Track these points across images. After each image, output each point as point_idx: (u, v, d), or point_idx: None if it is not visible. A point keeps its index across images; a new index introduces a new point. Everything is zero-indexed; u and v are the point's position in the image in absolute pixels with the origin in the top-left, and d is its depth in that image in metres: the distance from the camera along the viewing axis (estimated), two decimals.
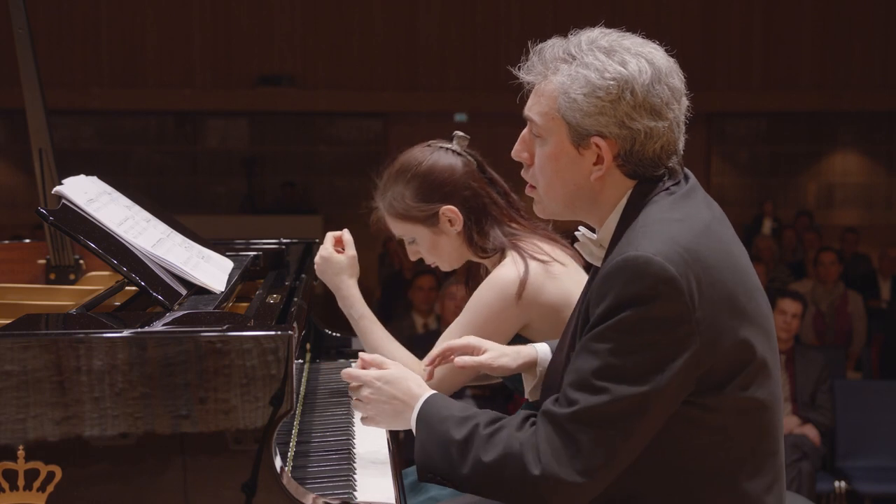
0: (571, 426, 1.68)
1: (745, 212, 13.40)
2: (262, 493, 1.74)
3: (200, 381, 1.73)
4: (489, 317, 2.41)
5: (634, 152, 1.79)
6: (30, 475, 1.72)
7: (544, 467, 1.68)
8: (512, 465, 1.71)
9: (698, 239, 1.73)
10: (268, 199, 13.58)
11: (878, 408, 5.58)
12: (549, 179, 1.85)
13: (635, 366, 1.66)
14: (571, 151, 1.81)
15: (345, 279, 2.60)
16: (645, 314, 1.66)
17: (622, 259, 1.69)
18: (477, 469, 1.75)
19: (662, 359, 1.66)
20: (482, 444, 1.75)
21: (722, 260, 1.75)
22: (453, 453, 1.78)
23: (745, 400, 1.74)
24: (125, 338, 1.75)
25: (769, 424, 1.80)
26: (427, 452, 1.83)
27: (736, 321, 1.72)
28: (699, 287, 1.68)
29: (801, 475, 5.14)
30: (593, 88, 1.76)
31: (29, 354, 1.72)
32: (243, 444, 1.74)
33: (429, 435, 1.83)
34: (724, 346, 1.71)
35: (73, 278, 2.87)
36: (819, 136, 13.89)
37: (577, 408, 1.68)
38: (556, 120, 1.80)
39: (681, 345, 1.67)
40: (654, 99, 1.76)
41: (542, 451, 1.69)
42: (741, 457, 1.77)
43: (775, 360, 1.82)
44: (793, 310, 5.56)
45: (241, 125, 13.82)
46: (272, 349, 1.75)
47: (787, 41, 13.25)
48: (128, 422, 1.73)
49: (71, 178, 2.35)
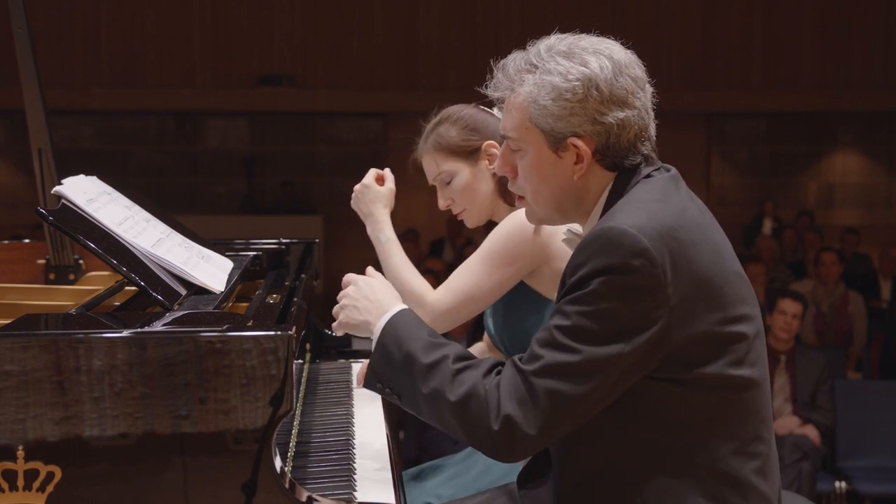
0: (534, 379, 1.74)
1: (746, 212, 13.39)
2: (262, 493, 1.74)
3: (200, 381, 1.73)
4: (504, 251, 2.48)
5: (611, 145, 1.85)
6: (29, 475, 1.72)
7: (502, 412, 1.74)
8: (473, 411, 1.76)
9: (675, 218, 1.78)
10: (268, 199, 13.58)
11: (878, 408, 5.58)
12: (535, 187, 1.91)
13: (602, 330, 1.71)
14: (551, 157, 1.86)
15: (379, 206, 2.70)
16: (617, 283, 1.70)
17: (599, 229, 1.76)
18: (437, 400, 1.80)
19: (629, 327, 1.71)
20: (448, 378, 1.80)
21: (699, 241, 1.78)
22: (415, 373, 1.82)
23: (722, 378, 1.77)
24: (125, 338, 1.75)
25: (751, 405, 1.82)
26: (385, 361, 1.87)
27: (711, 301, 1.76)
28: (673, 263, 1.72)
29: (802, 475, 5.13)
30: (560, 92, 1.82)
31: (29, 354, 1.72)
32: (243, 444, 1.74)
33: (393, 345, 1.87)
34: (697, 324, 1.74)
35: (73, 278, 2.87)
36: (819, 136, 13.89)
37: (540, 363, 1.74)
38: (531, 130, 1.86)
39: (649, 316, 1.71)
40: (619, 91, 1.83)
41: (503, 404, 1.74)
42: (723, 435, 1.79)
43: (758, 344, 1.84)
44: (793, 310, 5.56)
45: (241, 125, 13.82)
46: (272, 349, 1.75)
47: (788, 41, 13.24)
48: (127, 422, 1.73)
49: (71, 178, 2.35)
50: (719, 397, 1.78)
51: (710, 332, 1.75)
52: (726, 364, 1.77)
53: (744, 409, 1.81)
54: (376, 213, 2.69)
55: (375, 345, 1.91)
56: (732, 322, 1.78)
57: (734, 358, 1.78)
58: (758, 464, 1.82)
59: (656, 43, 12.93)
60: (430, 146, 2.67)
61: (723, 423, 1.79)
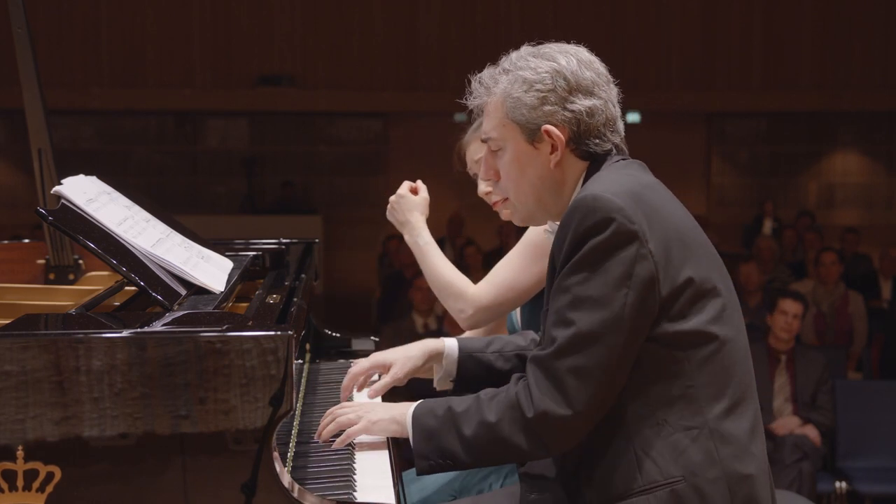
0: (554, 363, 1.81)
1: (746, 212, 13.39)
2: (262, 494, 1.74)
3: (200, 382, 1.73)
4: (543, 243, 2.51)
5: (582, 132, 1.98)
6: (29, 475, 1.72)
7: (536, 408, 1.80)
8: (511, 417, 1.83)
9: (643, 188, 1.90)
10: (268, 199, 13.57)
11: (878, 408, 5.58)
12: (516, 182, 2.03)
13: (601, 289, 1.80)
14: (528, 149, 2.00)
15: (416, 214, 2.78)
16: (601, 243, 1.80)
17: (573, 202, 1.88)
18: (481, 430, 1.86)
19: (623, 273, 1.80)
20: (486, 405, 1.87)
21: (667, 207, 1.91)
22: (455, 424, 1.88)
23: (700, 334, 1.84)
24: (125, 338, 1.74)
25: (731, 362, 1.87)
26: (426, 435, 1.93)
27: (687, 257, 1.85)
28: (648, 220, 1.83)
29: (802, 475, 5.13)
30: (531, 84, 1.97)
31: (28, 354, 1.71)
32: (243, 445, 1.74)
33: (428, 418, 1.93)
34: (677, 277, 1.82)
35: (73, 278, 2.87)
36: (819, 136, 13.89)
37: (556, 345, 1.82)
38: (509, 126, 2.00)
39: (638, 260, 1.80)
40: (584, 81, 1.98)
41: (533, 395, 1.82)
42: (708, 393, 1.84)
43: (732, 303, 1.91)
44: (794, 310, 5.55)
45: (241, 125, 13.81)
46: (272, 349, 1.75)
47: (788, 41, 13.24)
48: (127, 422, 1.72)
49: (70, 177, 2.35)
50: (697, 352, 1.84)
51: (690, 284, 1.83)
52: (705, 320, 1.83)
53: (724, 366, 1.86)
54: (413, 220, 2.76)
55: (413, 429, 1.97)
56: (706, 280, 1.85)
57: (712, 315, 1.84)
58: (747, 425, 1.87)
59: (656, 43, 12.93)
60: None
61: (701, 377, 1.84)
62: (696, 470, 1.81)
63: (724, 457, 1.83)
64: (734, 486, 1.83)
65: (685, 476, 1.81)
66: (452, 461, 1.91)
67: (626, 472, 1.84)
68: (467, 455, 1.89)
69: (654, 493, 1.81)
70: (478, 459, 1.91)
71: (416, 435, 1.95)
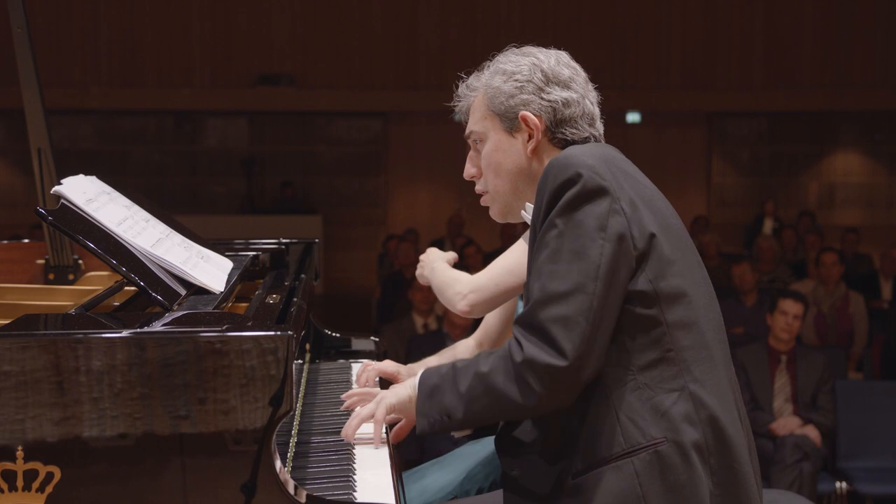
0: (538, 314, 1.82)
1: (747, 212, 13.40)
2: (262, 494, 1.74)
3: (200, 382, 1.73)
4: None
5: (558, 121, 2.06)
6: (29, 476, 1.71)
7: (525, 354, 1.81)
8: (503, 367, 1.85)
9: (616, 159, 1.96)
10: (267, 199, 13.58)
11: (879, 408, 5.57)
12: (494, 171, 2.12)
13: (575, 242, 1.83)
14: (507, 139, 2.10)
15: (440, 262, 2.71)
16: (574, 197, 1.84)
17: (545, 167, 1.93)
18: (475, 381, 1.88)
19: (598, 224, 1.83)
20: (482, 358, 1.90)
21: (639, 177, 1.97)
22: (454, 380, 1.91)
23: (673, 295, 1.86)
24: (124, 338, 1.74)
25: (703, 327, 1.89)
26: (428, 394, 1.95)
27: (653, 218, 1.88)
28: (617, 182, 1.87)
29: (803, 476, 5.12)
30: (510, 74, 2.09)
31: (28, 355, 1.71)
32: (243, 445, 1.74)
33: (431, 379, 1.95)
34: (646, 237, 1.86)
35: (72, 278, 2.86)
36: (820, 135, 13.89)
37: (537, 297, 1.84)
38: (489, 118, 2.11)
39: (612, 217, 1.83)
40: (561, 75, 2.08)
41: (522, 345, 1.83)
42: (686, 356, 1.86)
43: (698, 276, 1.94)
44: (794, 310, 5.54)
45: (241, 125, 13.81)
46: (271, 349, 1.74)
47: (789, 41, 13.25)
48: (127, 422, 1.72)
49: (70, 177, 2.34)
50: (677, 317, 1.87)
51: (656, 246, 1.86)
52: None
53: (701, 332, 1.89)
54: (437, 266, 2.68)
55: (419, 389, 1.98)
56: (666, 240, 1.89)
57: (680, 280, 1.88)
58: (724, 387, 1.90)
59: (656, 43, 12.93)
60: None
61: (687, 345, 1.87)
62: (678, 430, 1.83)
63: (704, 417, 1.85)
64: (715, 445, 1.85)
65: (667, 437, 1.83)
66: (449, 417, 1.91)
67: (608, 436, 1.85)
68: (463, 409, 1.89)
69: (638, 455, 1.83)
70: (473, 413, 1.89)
71: (420, 394, 1.97)
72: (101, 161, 12.81)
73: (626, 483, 1.83)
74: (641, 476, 1.82)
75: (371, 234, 12.82)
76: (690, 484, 1.82)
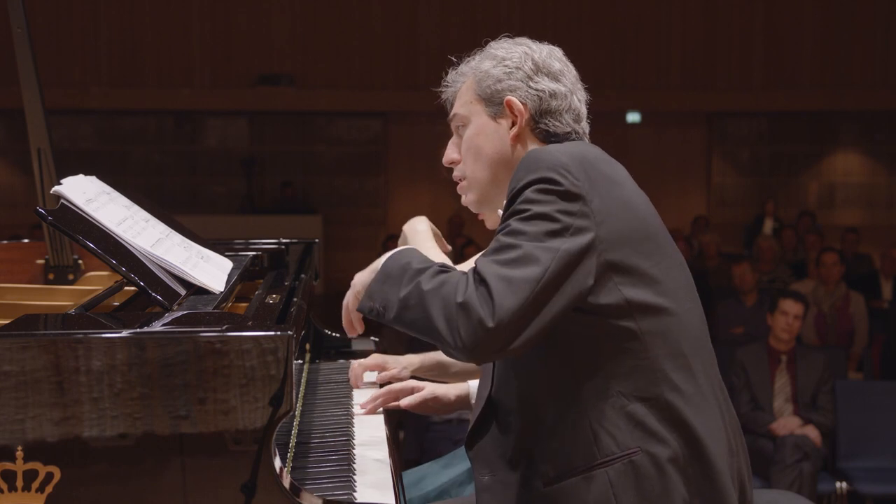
0: (490, 264, 1.78)
1: (747, 212, 13.39)
2: (262, 494, 1.74)
3: (199, 382, 1.73)
4: None
5: (543, 111, 2.03)
6: (28, 476, 1.71)
7: (466, 297, 1.76)
8: (443, 293, 1.79)
9: (594, 158, 1.90)
10: (267, 199, 13.57)
11: (879, 408, 5.57)
12: (474, 155, 2.08)
13: (539, 228, 1.80)
14: (490, 124, 2.06)
15: None
16: (544, 190, 1.82)
17: (520, 161, 1.90)
18: (414, 290, 1.82)
19: (563, 226, 1.79)
20: (429, 275, 1.84)
21: (617, 177, 1.91)
22: (404, 278, 1.85)
23: (646, 305, 1.83)
24: (124, 338, 1.74)
25: (683, 335, 1.87)
26: (381, 279, 1.89)
27: (627, 224, 1.84)
28: (591, 182, 1.83)
29: (803, 476, 5.12)
30: (500, 59, 2.07)
31: (28, 355, 1.71)
32: (242, 445, 1.74)
33: (393, 264, 1.90)
34: (619, 243, 1.82)
35: (72, 278, 2.86)
36: (820, 135, 13.89)
37: (498, 245, 1.81)
38: (475, 102, 2.09)
39: (580, 216, 1.80)
40: (551, 67, 2.06)
41: (468, 285, 1.77)
42: (662, 366, 1.84)
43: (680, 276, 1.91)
44: (794, 311, 5.55)
45: (241, 125, 13.81)
46: (271, 349, 1.74)
47: (789, 40, 13.24)
48: (127, 422, 1.72)
49: (70, 177, 2.34)
50: (652, 326, 1.84)
51: (632, 254, 1.83)
52: (650, 292, 1.83)
53: (677, 341, 1.86)
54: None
55: (380, 268, 1.92)
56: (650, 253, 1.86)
57: (657, 287, 1.85)
58: (704, 394, 1.87)
59: (656, 43, 12.93)
60: None
61: (662, 353, 1.84)
62: (652, 440, 1.81)
63: (679, 426, 1.83)
64: (690, 454, 1.83)
65: (641, 447, 1.81)
66: (384, 311, 1.87)
67: (582, 446, 1.83)
68: (396, 311, 1.84)
69: (612, 465, 1.81)
70: (403, 320, 1.85)
71: (377, 276, 1.91)
72: (101, 161, 12.80)
73: (600, 492, 1.81)
74: (616, 486, 1.81)
75: (371, 234, 12.81)
76: (665, 493, 1.81)
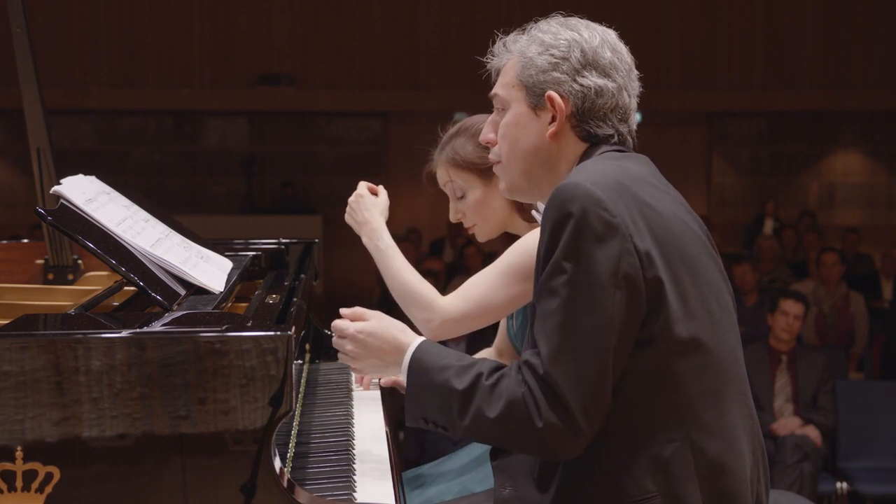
0: (549, 374, 1.72)
1: (747, 212, 13.39)
2: (262, 494, 1.74)
3: (199, 382, 1.72)
4: (525, 266, 2.40)
5: (586, 110, 1.91)
6: (28, 476, 1.71)
7: (545, 419, 1.72)
8: (517, 416, 1.74)
9: (632, 182, 1.80)
10: (267, 199, 13.57)
11: (879, 408, 5.57)
12: (510, 144, 1.97)
13: (586, 286, 1.71)
14: (529, 114, 1.94)
15: (375, 214, 2.62)
16: (581, 234, 1.72)
17: (554, 190, 1.79)
18: (480, 421, 1.78)
19: (609, 269, 1.71)
20: (485, 396, 1.78)
21: (658, 203, 1.81)
22: (454, 404, 1.80)
23: (682, 342, 1.76)
24: (124, 338, 1.74)
25: (716, 374, 1.81)
26: (422, 399, 1.86)
27: (666, 253, 1.76)
28: (631, 215, 1.74)
29: (803, 476, 5.12)
30: (547, 47, 1.92)
31: (27, 355, 1.71)
32: (242, 445, 1.73)
33: (426, 382, 1.85)
34: (660, 277, 1.74)
35: (72, 278, 2.86)
36: (820, 135, 13.88)
37: (545, 353, 1.73)
38: (517, 87, 1.95)
39: (623, 259, 1.72)
40: (602, 59, 1.92)
41: (539, 404, 1.73)
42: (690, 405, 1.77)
43: (722, 311, 1.84)
44: (795, 311, 5.54)
45: (241, 125, 13.81)
46: (271, 349, 1.74)
47: (789, 40, 13.24)
48: (126, 422, 1.72)
49: (69, 177, 2.34)
50: (682, 365, 1.77)
51: (671, 286, 1.75)
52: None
53: (710, 380, 1.80)
54: (373, 221, 2.60)
55: (407, 384, 1.89)
56: (691, 285, 1.78)
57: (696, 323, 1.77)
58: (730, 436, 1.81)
59: (656, 43, 12.92)
60: (444, 159, 2.61)
61: (692, 393, 1.78)
62: (672, 484, 1.76)
63: (703, 469, 1.77)
64: (713, 498, 1.78)
65: (661, 491, 1.76)
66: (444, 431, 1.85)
67: (605, 483, 1.78)
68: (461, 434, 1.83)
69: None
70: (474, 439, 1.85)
71: (409, 387, 1.88)
72: (101, 161, 12.79)
73: None
74: None
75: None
76: None
